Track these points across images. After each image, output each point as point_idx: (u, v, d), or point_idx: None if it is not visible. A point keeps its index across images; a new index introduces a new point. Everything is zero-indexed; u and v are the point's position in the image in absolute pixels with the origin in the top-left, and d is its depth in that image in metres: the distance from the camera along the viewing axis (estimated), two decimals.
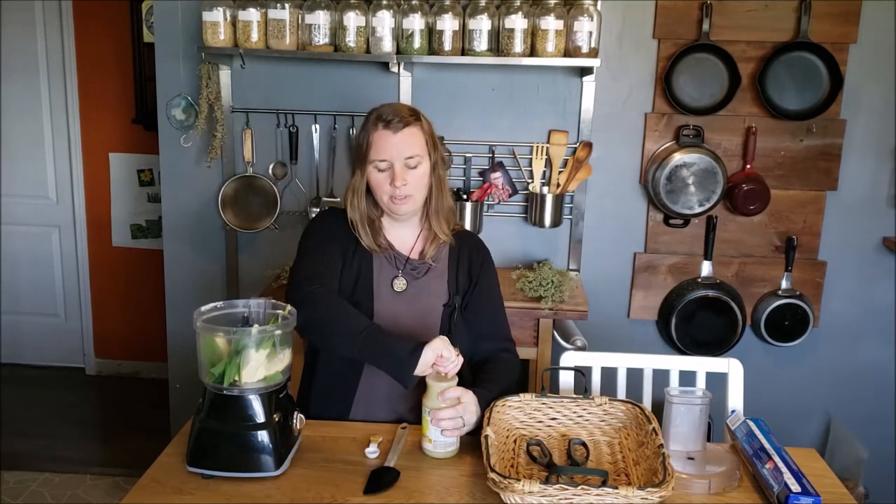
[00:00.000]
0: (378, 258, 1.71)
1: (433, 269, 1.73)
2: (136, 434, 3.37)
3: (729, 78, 2.54)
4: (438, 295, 1.71)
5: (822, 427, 2.83)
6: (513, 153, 2.63)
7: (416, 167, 1.64)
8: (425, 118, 1.69)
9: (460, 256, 1.76)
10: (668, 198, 2.59)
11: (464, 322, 1.72)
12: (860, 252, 2.70)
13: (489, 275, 1.79)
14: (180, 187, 2.77)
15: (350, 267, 1.69)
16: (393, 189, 1.62)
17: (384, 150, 1.62)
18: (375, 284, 1.69)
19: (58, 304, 4.05)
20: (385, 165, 1.63)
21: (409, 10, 2.37)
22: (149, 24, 3.50)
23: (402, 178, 1.62)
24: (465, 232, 1.84)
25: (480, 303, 1.75)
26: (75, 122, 3.82)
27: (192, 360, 1.43)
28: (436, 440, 1.45)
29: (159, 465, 1.42)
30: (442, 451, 1.46)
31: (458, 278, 1.74)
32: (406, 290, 1.70)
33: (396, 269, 1.71)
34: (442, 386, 1.45)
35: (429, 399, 1.45)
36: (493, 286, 1.79)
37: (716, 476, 1.38)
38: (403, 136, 1.62)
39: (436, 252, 1.73)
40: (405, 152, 1.62)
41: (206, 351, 1.37)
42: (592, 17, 2.35)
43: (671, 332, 2.68)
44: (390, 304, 1.68)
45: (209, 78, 2.59)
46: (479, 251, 1.81)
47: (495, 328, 1.77)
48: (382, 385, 1.63)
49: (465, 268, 1.76)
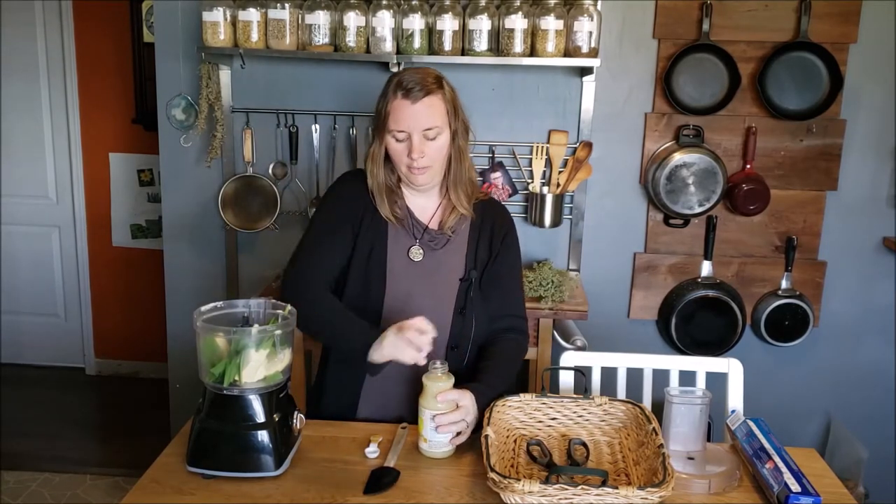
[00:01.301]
0: (395, 227, 1.67)
1: (452, 242, 1.68)
2: (136, 434, 3.37)
3: (729, 78, 2.54)
4: (455, 269, 1.67)
5: (822, 427, 2.83)
6: (513, 153, 2.63)
7: (435, 138, 1.59)
8: (448, 84, 1.63)
9: (482, 230, 1.71)
10: (668, 198, 2.59)
11: (481, 297, 1.67)
12: (860, 252, 2.70)
13: (511, 250, 1.73)
14: (180, 187, 2.77)
15: (365, 236, 1.66)
16: (411, 160, 1.59)
17: (402, 121, 1.57)
18: (390, 254, 1.66)
19: (58, 304, 4.05)
20: (403, 136, 1.59)
21: (409, 10, 2.37)
22: (149, 24, 3.50)
23: (420, 151, 1.58)
24: (489, 202, 1.77)
25: (500, 279, 1.69)
26: (75, 122, 3.82)
27: (192, 360, 1.43)
28: (432, 440, 1.44)
29: (159, 465, 1.42)
30: (438, 451, 1.45)
31: (478, 253, 1.69)
32: (422, 260, 1.66)
33: (414, 239, 1.67)
34: (438, 386, 1.44)
35: (425, 399, 1.44)
36: (513, 262, 1.74)
37: (716, 476, 1.38)
38: (423, 106, 1.57)
39: (456, 223, 1.68)
40: (424, 123, 1.57)
41: (206, 351, 1.37)
42: (592, 17, 2.35)
43: (671, 332, 2.68)
44: (404, 275, 1.65)
45: (209, 78, 2.59)
46: (503, 224, 1.74)
47: (511, 305, 1.72)
48: (388, 384, 1.63)
49: (486, 242, 1.70)
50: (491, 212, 1.74)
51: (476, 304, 1.66)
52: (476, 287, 1.67)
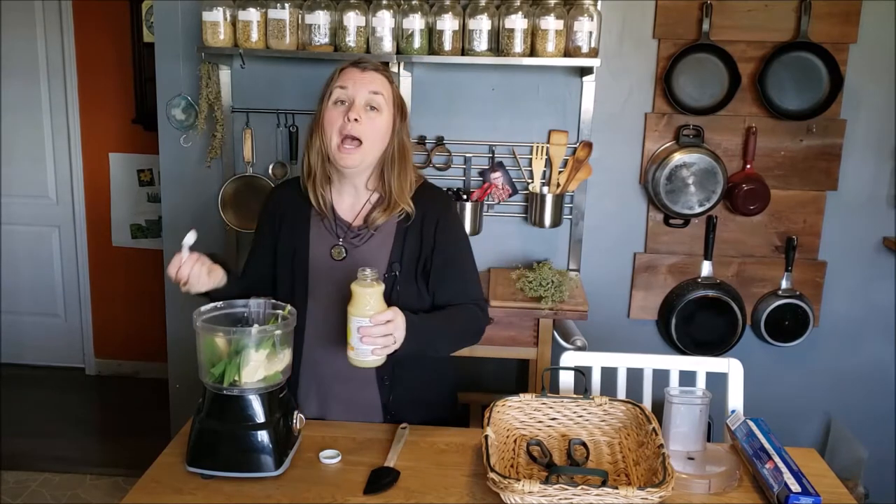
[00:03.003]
0: (317, 227, 1.67)
1: (375, 237, 1.64)
2: (136, 434, 3.37)
3: (729, 78, 2.54)
4: (378, 264, 1.60)
5: (822, 427, 2.83)
6: (513, 153, 2.63)
7: (377, 112, 1.57)
8: (397, 84, 1.66)
9: (412, 220, 1.64)
10: (668, 198, 2.59)
11: (417, 290, 1.64)
12: (860, 252, 2.70)
13: (449, 235, 1.66)
14: (180, 187, 2.77)
15: (288, 238, 1.67)
16: (345, 124, 1.54)
17: (348, 80, 1.57)
18: (312, 254, 1.65)
19: (58, 304, 4.05)
20: (344, 96, 1.57)
21: (409, 10, 2.37)
22: (149, 24, 3.50)
23: (358, 113, 1.54)
24: (419, 189, 1.69)
25: (445, 269, 1.65)
26: (75, 122, 3.82)
27: (192, 360, 1.43)
28: (358, 348, 1.40)
29: (159, 465, 1.42)
30: (364, 360, 1.41)
31: (406, 245, 1.64)
32: (345, 259, 1.63)
33: (336, 238, 1.66)
34: (367, 292, 1.39)
35: (353, 306, 1.40)
36: (456, 247, 1.68)
37: (716, 476, 1.38)
38: (371, 76, 1.58)
39: (386, 220, 1.64)
40: (369, 87, 1.57)
41: (206, 351, 1.37)
42: (592, 17, 2.35)
43: (671, 332, 2.68)
44: (326, 273, 1.64)
45: (209, 78, 2.60)
46: (435, 210, 1.66)
47: (461, 294, 1.66)
48: (324, 386, 1.65)
49: (415, 232, 1.64)
50: (421, 199, 1.66)
51: (407, 297, 1.61)
52: (410, 281, 1.63)
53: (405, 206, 1.63)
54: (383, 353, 1.42)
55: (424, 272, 1.65)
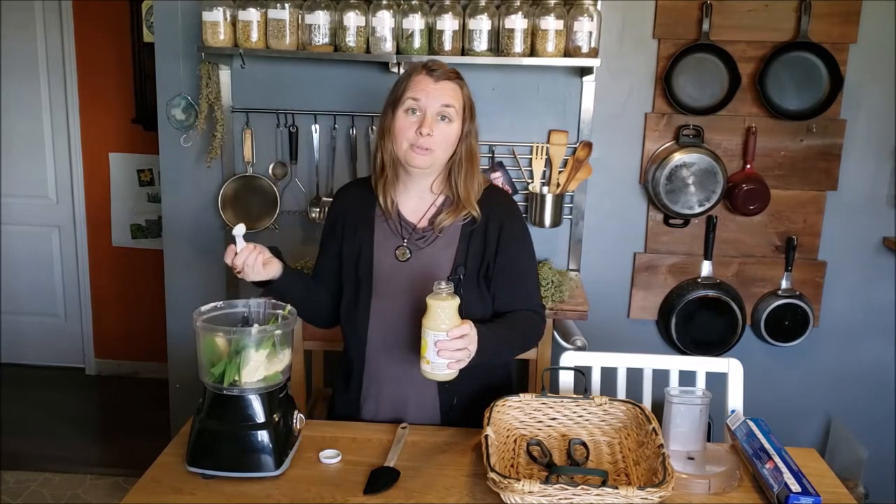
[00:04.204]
0: (382, 227, 1.67)
1: (440, 239, 1.63)
2: (136, 434, 3.37)
3: (729, 78, 2.54)
4: (444, 266, 1.62)
5: (822, 427, 2.83)
6: (513, 153, 2.63)
7: (448, 122, 1.57)
8: (466, 85, 1.62)
9: (476, 223, 1.64)
10: (668, 198, 2.59)
11: (479, 293, 1.63)
12: (860, 252, 2.70)
13: (513, 240, 1.66)
14: (180, 187, 2.77)
15: (352, 239, 1.68)
16: (417, 137, 1.55)
17: (420, 92, 1.55)
18: (376, 256, 1.65)
19: (58, 304, 4.05)
20: (417, 106, 1.56)
21: (409, 10, 2.37)
22: (149, 24, 3.50)
23: (430, 127, 1.54)
24: (487, 191, 1.69)
25: (505, 272, 1.64)
26: (75, 122, 3.82)
27: (192, 360, 1.43)
28: (434, 362, 1.39)
29: (159, 465, 1.42)
30: (440, 374, 1.41)
31: (470, 248, 1.63)
32: (409, 260, 1.64)
33: (401, 239, 1.65)
34: (443, 306, 1.38)
35: (429, 320, 1.39)
36: (518, 252, 1.67)
37: (716, 476, 1.38)
38: (444, 86, 1.56)
39: (451, 222, 1.63)
40: (442, 100, 1.55)
41: (206, 351, 1.37)
42: (592, 17, 2.35)
43: (671, 332, 2.68)
44: (390, 274, 1.64)
45: (209, 78, 2.59)
46: (501, 214, 1.66)
47: (522, 298, 1.67)
48: (386, 387, 1.64)
49: (479, 235, 1.64)
50: (488, 203, 1.67)
51: (469, 300, 1.60)
52: (472, 284, 1.63)
53: (472, 210, 1.63)
54: (458, 367, 1.42)
55: (487, 275, 1.65)
